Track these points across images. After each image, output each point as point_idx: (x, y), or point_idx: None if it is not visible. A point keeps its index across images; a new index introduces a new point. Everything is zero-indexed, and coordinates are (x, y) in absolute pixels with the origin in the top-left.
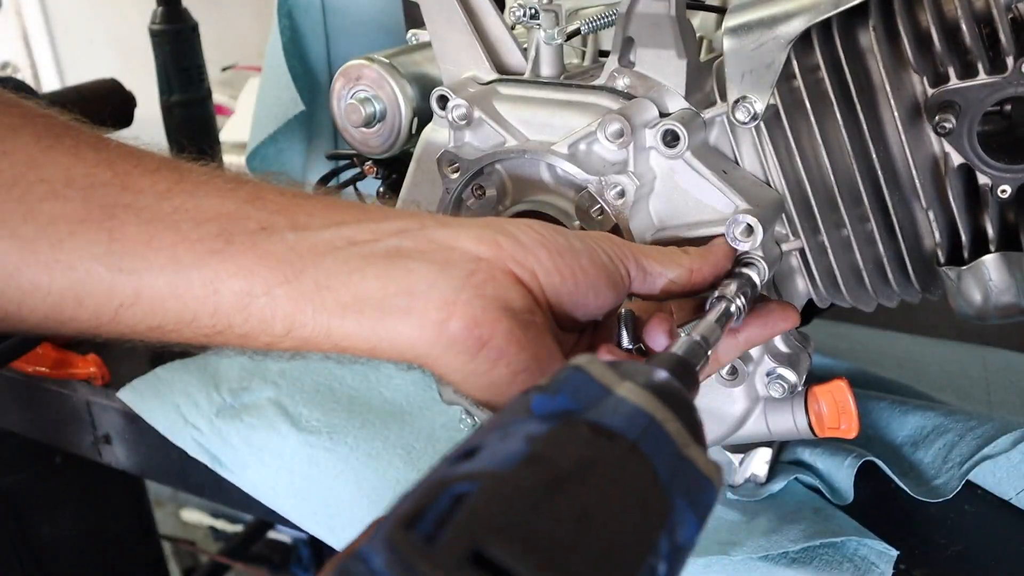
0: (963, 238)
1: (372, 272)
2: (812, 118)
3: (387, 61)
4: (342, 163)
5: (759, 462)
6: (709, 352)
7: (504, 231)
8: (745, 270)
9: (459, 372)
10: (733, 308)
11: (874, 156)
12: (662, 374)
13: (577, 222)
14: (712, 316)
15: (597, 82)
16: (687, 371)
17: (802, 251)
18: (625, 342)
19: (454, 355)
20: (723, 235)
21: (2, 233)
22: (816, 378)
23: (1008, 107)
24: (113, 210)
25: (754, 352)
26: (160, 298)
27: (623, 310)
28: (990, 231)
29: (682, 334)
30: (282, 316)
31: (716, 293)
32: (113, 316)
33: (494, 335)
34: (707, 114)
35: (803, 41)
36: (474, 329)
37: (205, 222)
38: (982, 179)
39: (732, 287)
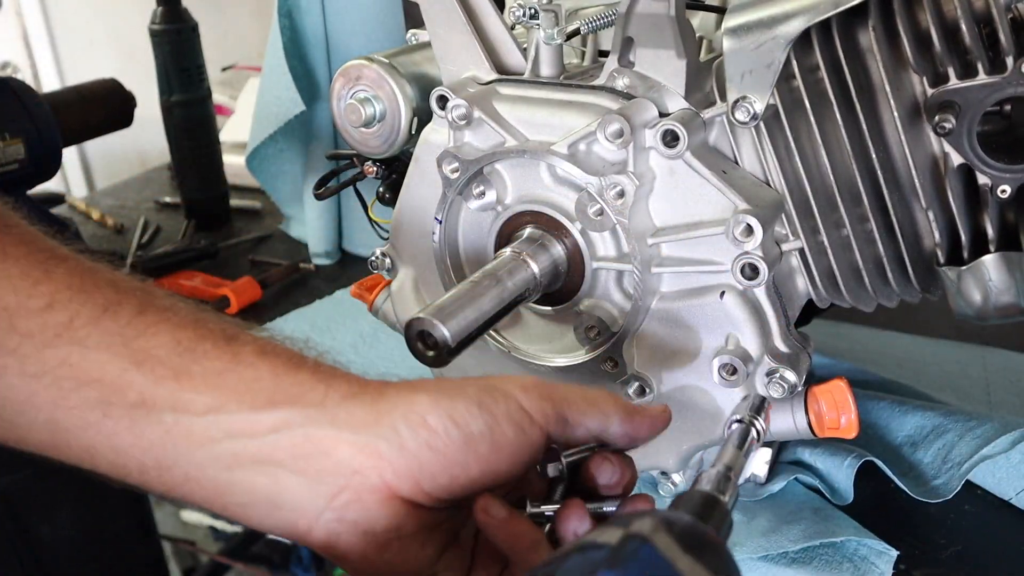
0: (963, 238)
1: (240, 476)
2: (812, 118)
3: (387, 61)
4: (342, 163)
5: (759, 462)
6: (737, 481)
7: (389, 436)
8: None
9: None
10: (753, 431)
11: (874, 156)
12: (705, 532)
13: (579, 224)
14: (733, 442)
15: (597, 82)
16: (718, 512)
17: (802, 251)
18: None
19: (319, 551)
20: (664, 405)
21: None
22: (816, 378)
23: (1008, 107)
24: None
25: (754, 352)
26: (44, 448)
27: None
28: (990, 231)
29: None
30: (160, 491)
31: (734, 416)
32: (12, 445)
33: (348, 555)
34: (707, 114)
35: (803, 41)
36: (329, 549)
37: (87, 383)
38: (982, 179)
39: (747, 406)
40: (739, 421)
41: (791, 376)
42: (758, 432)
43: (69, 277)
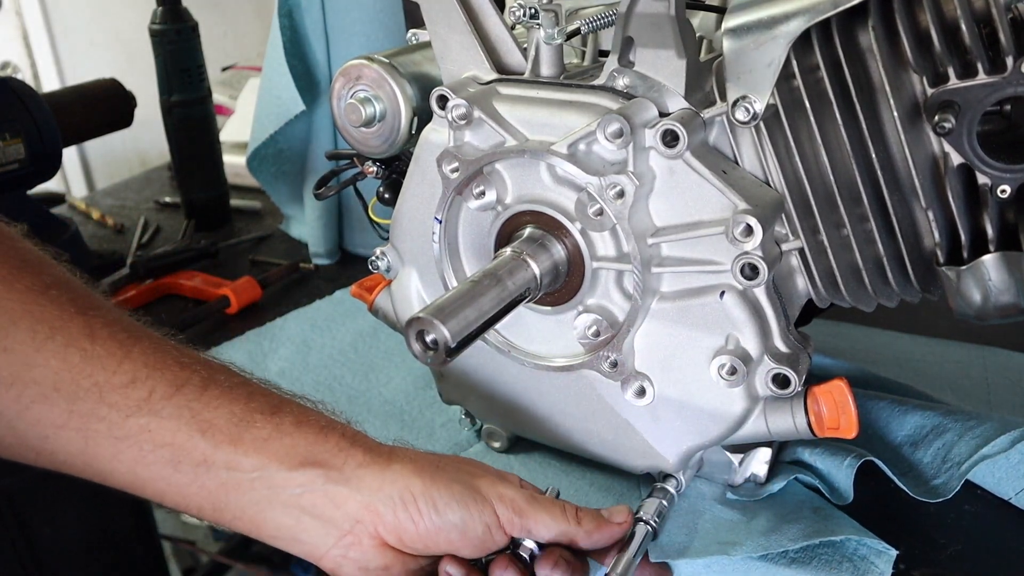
0: (963, 238)
1: (273, 515)
2: (812, 118)
3: (387, 61)
4: (342, 163)
5: (759, 462)
6: None
7: (387, 503)
8: (664, 485)
9: None
10: (651, 529)
11: (874, 156)
12: None
13: (579, 224)
14: (632, 549)
15: (597, 82)
16: None
17: (802, 251)
18: None
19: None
20: (626, 508)
21: (1, 423)
22: (816, 378)
23: (1008, 107)
24: (89, 420)
25: (754, 352)
26: (119, 486)
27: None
28: (990, 231)
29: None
30: (207, 523)
31: (641, 514)
32: (97, 481)
33: None
34: (707, 114)
35: (802, 41)
36: (334, 573)
37: (162, 446)
38: (982, 179)
39: (652, 508)
40: (643, 521)
41: (791, 376)
42: (654, 531)
43: (145, 356)
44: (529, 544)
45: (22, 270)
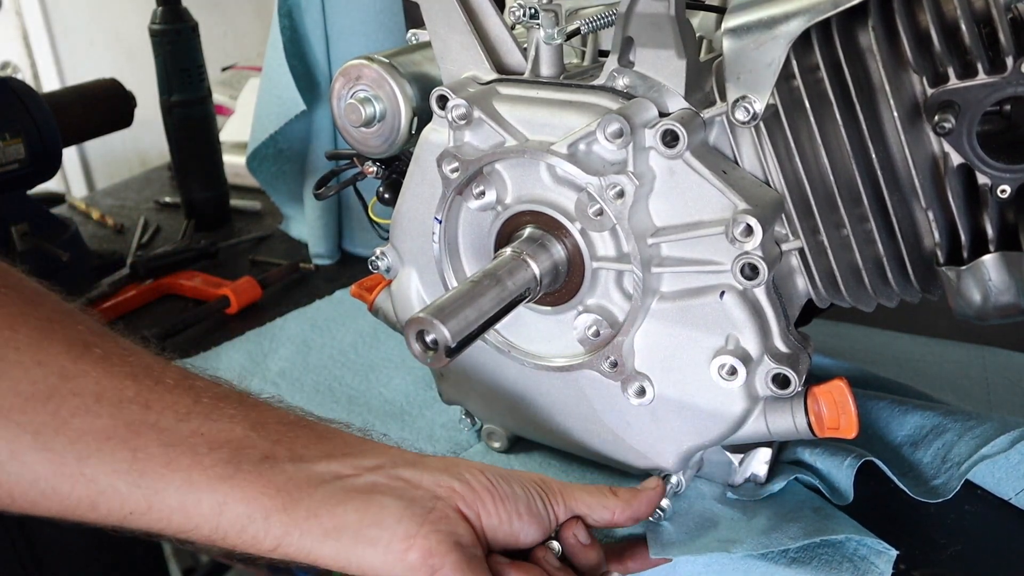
0: (963, 238)
1: (352, 505)
2: (811, 118)
3: (387, 61)
4: (342, 163)
5: (759, 462)
6: None
7: (459, 476)
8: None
9: None
10: None
11: (873, 156)
12: None
13: (579, 224)
14: None
15: (597, 82)
16: None
17: (802, 251)
18: None
19: (416, 566)
20: (656, 478)
21: (35, 445)
22: (816, 378)
23: (1007, 107)
24: (139, 428)
25: (754, 352)
26: (169, 511)
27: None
28: (989, 231)
29: None
30: (273, 537)
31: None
32: (121, 520)
33: (444, 564)
34: (707, 114)
35: (802, 41)
36: (428, 559)
37: (218, 447)
38: (982, 179)
39: None
40: None
41: (791, 376)
42: None
43: (181, 371)
44: (556, 545)
45: (44, 296)
